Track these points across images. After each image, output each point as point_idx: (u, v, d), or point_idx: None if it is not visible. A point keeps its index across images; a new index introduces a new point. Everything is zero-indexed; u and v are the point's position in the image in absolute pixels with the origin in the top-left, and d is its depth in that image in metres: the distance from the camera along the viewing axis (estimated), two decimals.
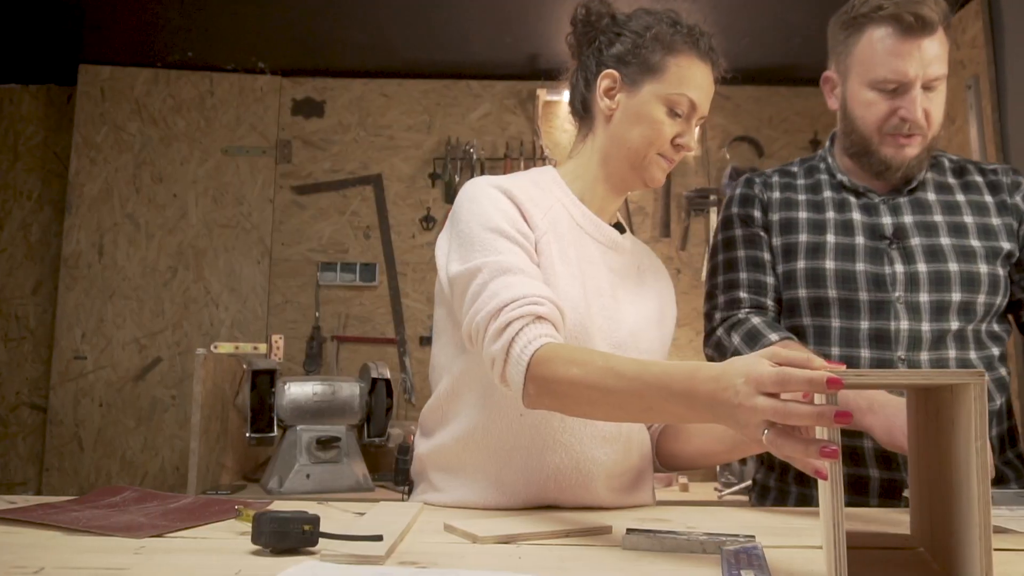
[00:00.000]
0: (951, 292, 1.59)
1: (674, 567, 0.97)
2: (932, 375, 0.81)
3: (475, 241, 1.36)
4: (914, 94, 1.54)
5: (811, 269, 1.66)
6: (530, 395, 1.22)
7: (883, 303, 1.61)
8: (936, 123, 1.59)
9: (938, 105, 1.58)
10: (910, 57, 1.52)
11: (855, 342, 1.63)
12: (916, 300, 1.60)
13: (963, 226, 1.64)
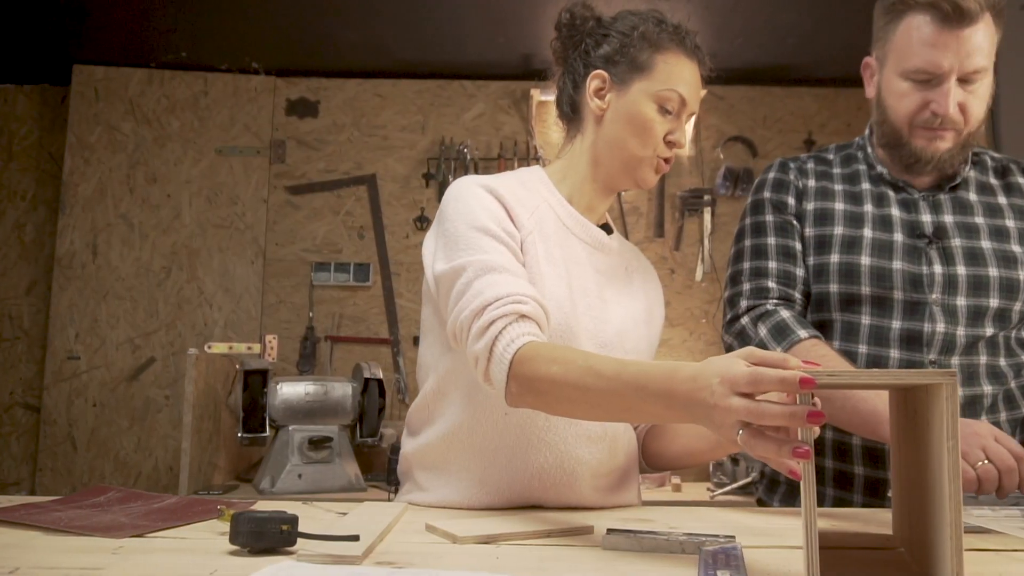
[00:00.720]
0: (989, 297, 1.55)
1: (652, 567, 0.97)
2: (903, 375, 0.81)
3: (460, 240, 1.36)
4: (947, 87, 1.47)
5: (845, 264, 1.60)
6: (512, 393, 1.22)
7: (918, 304, 1.56)
8: (975, 118, 1.52)
9: (978, 99, 1.50)
10: (946, 48, 1.45)
11: (885, 342, 1.58)
12: (953, 303, 1.55)
13: (1005, 230, 1.59)
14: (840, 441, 1.61)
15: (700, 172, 4.07)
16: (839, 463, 1.62)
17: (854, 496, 1.60)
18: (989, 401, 1.56)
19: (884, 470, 1.57)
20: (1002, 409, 1.57)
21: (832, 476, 1.63)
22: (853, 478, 1.60)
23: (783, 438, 0.85)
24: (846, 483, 1.61)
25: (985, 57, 1.47)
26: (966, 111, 1.50)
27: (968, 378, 1.56)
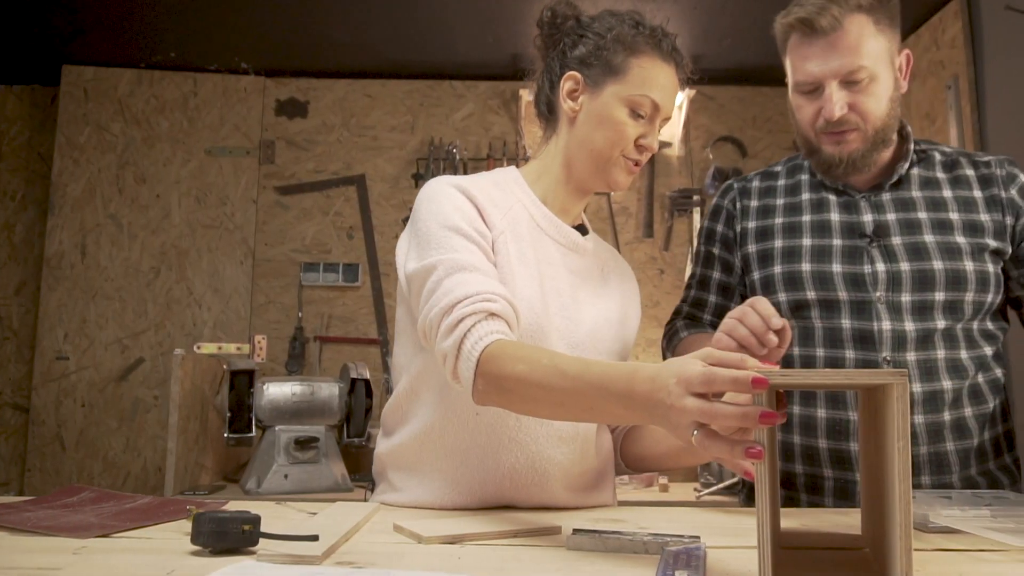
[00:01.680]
0: (935, 291, 1.56)
1: (613, 567, 0.97)
2: (855, 375, 0.81)
3: (432, 239, 1.36)
4: (828, 92, 1.53)
5: (787, 272, 1.65)
6: (479, 391, 1.22)
7: (864, 303, 1.59)
8: (874, 115, 1.54)
9: (871, 96, 1.53)
10: (816, 58, 1.53)
11: (839, 343, 1.61)
12: (898, 300, 1.57)
13: (948, 223, 1.60)
14: (808, 446, 1.62)
15: (689, 172, 4.07)
16: (809, 467, 1.62)
17: (825, 500, 1.60)
18: (951, 396, 1.56)
19: (852, 471, 1.57)
20: (967, 404, 1.57)
21: (803, 482, 1.64)
22: (823, 482, 1.61)
23: (737, 439, 0.85)
24: (816, 488, 1.62)
25: (863, 56, 1.50)
26: (859, 110, 1.54)
27: (926, 373, 1.56)
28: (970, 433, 1.57)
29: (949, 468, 1.56)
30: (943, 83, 3.28)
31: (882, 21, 1.53)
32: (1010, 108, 2.90)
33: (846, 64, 1.51)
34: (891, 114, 1.57)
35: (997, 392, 1.61)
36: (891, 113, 1.57)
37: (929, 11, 3.37)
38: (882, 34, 1.53)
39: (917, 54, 3.53)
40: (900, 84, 1.59)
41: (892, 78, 1.56)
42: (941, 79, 3.30)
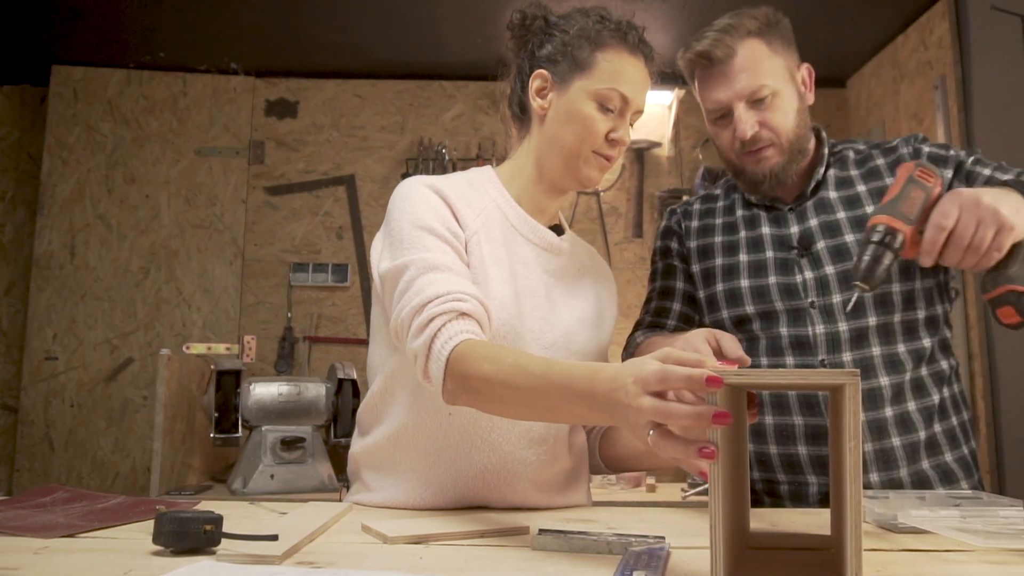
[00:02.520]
0: None
1: (574, 567, 0.97)
2: (808, 375, 0.82)
3: (405, 239, 1.36)
4: (737, 115, 1.59)
5: (728, 290, 1.70)
6: (448, 391, 1.22)
7: (799, 311, 1.63)
8: (785, 128, 1.60)
9: (778, 112, 1.59)
10: (718, 85, 1.60)
11: (779, 351, 1.64)
12: (829, 302, 1.61)
13: (865, 218, 1.62)
14: (788, 454, 1.63)
15: (679, 172, 4.07)
16: (791, 475, 1.64)
17: (810, 507, 1.61)
18: (890, 392, 1.57)
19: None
20: (910, 399, 1.58)
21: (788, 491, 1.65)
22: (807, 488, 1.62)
23: (691, 439, 0.85)
24: (801, 496, 1.63)
25: (762, 76, 1.57)
26: (769, 126, 1.59)
27: (863, 371, 1.58)
28: (915, 427, 1.58)
29: (896, 464, 1.57)
30: (931, 83, 3.29)
31: (774, 42, 1.61)
32: (997, 107, 2.90)
33: (747, 85, 1.57)
34: (801, 125, 1.63)
35: (943, 383, 1.62)
36: (800, 124, 1.62)
37: (917, 11, 3.37)
38: (777, 54, 1.61)
39: (905, 54, 3.53)
40: (805, 96, 1.66)
41: (795, 92, 1.62)
42: (929, 79, 3.30)
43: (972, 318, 3.02)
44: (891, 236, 1.23)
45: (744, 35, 1.59)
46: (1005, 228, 1.15)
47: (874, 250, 1.24)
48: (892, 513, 1.24)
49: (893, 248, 1.23)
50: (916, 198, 1.24)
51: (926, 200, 1.23)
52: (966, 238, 1.17)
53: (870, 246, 1.24)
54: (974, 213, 1.17)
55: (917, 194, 1.24)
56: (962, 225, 1.17)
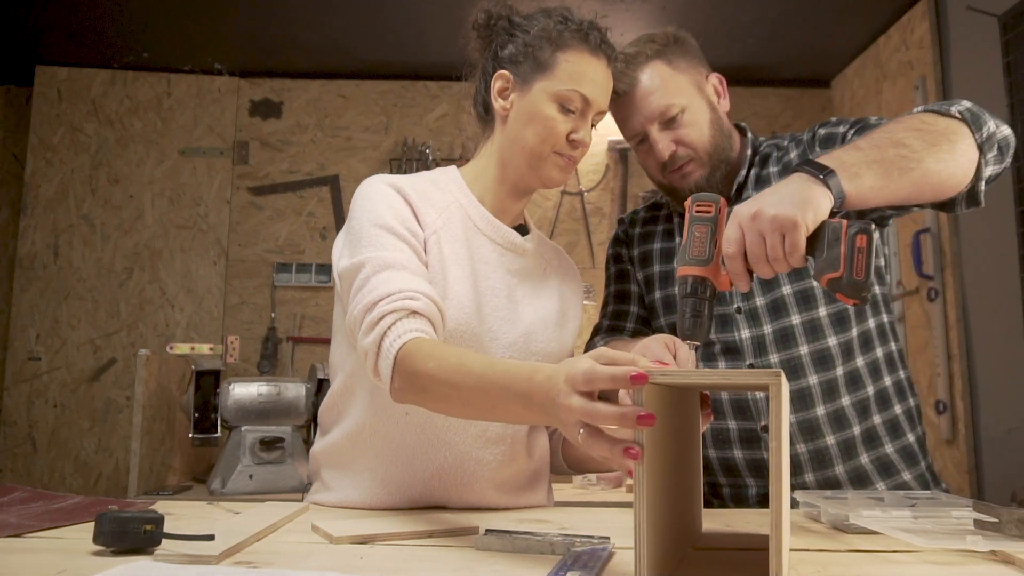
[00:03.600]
0: (782, 287, 1.59)
1: (511, 567, 0.97)
2: (732, 375, 0.82)
3: (363, 237, 1.36)
4: (653, 137, 1.61)
5: (664, 297, 1.72)
6: (396, 389, 1.22)
7: (727, 316, 1.63)
8: (700, 140, 1.60)
9: (691, 127, 1.60)
10: (628, 115, 1.63)
11: (712, 356, 1.65)
12: (753, 306, 1.61)
13: None
14: (725, 458, 1.63)
15: None
16: (730, 479, 1.64)
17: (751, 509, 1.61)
18: (821, 390, 1.57)
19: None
20: (844, 394, 1.57)
21: (729, 495, 1.65)
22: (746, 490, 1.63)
23: (618, 439, 0.85)
24: (741, 499, 1.64)
25: (669, 96, 1.59)
26: (685, 143, 1.60)
27: (791, 371, 1.58)
28: (850, 423, 1.57)
29: (831, 462, 1.57)
30: (912, 83, 3.29)
31: (676, 60, 1.63)
32: None
33: (656, 108, 1.59)
34: (716, 134, 1.63)
35: (882, 372, 1.61)
36: (716, 133, 1.63)
37: (898, 12, 3.37)
38: (681, 72, 1.62)
39: (887, 55, 3.53)
40: (718, 105, 1.67)
41: (705, 104, 1.64)
42: (910, 79, 3.30)
43: (951, 319, 3.02)
44: (698, 285, 1.17)
45: (644, 61, 1.61)
46: (788, 228, 1.08)
47: (690, 305, 1.17)
48: (845, 514, 1.24)
49: (706, 296, 1.17)
50: (701, 236, 1.17)
51: (713, 231, 1.17)
52: (759, 255, 1.12)
53: (684, 301, 1.18)
54: (753, 228, 1.11)
55: (701, 231, 1.17)
56: (749, 244, 1.12)
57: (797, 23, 3.56)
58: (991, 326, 2.85)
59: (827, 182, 1.14)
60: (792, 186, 1.14)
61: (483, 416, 1.21)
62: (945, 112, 1.33)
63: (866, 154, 1.21)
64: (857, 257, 1.09)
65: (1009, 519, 1.12)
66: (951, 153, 1.27)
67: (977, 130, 1.31)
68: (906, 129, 1.27)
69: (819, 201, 1.12)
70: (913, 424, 1.63)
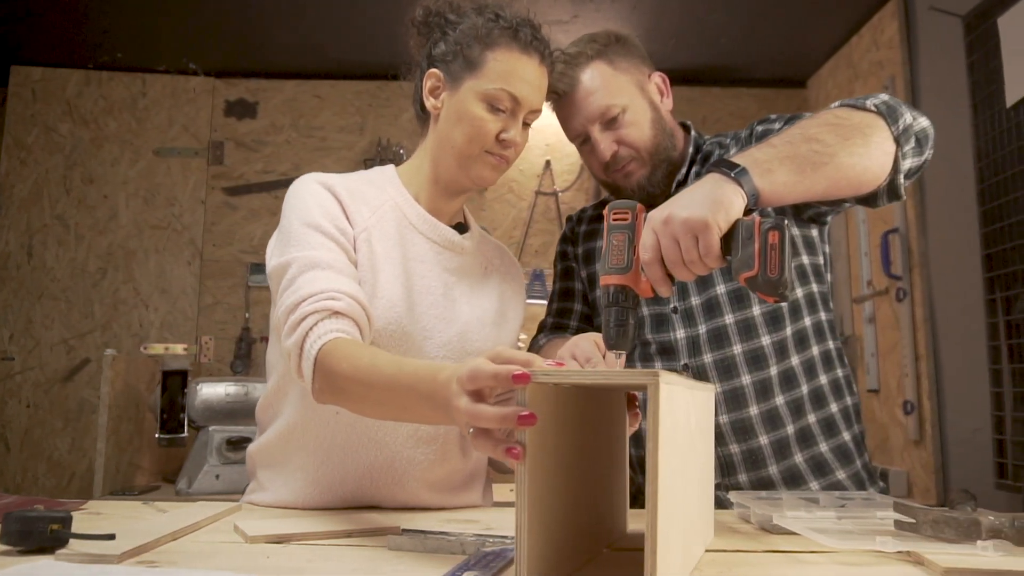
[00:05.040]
0: (716, 286, 1.59)
1: (413, 567, 0.97)
2: (612, 375, 0.82)
3: (292, 236, 1.37)
4: (595, 139, 1.60)
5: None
6: (316, 389, 1.23)
7: (663, 316, 1.64)
8: (641, 140, 1.60)
9: (632, 127, 1.59)
10: (570, 115, 1.63)
11: (649, 357, 1.65)
12: (689, 305, 1.62)
13: None
14: (640, 456, 1.62)
15: None
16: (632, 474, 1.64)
17: None
18: (754, 389, 1.56)
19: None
20: (778, 393, 1.57)
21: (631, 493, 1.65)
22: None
23: (503, 439, 0.85)
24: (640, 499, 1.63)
25: (610, 96, 1.59)
26: (626, 142, 1.60)
27: (724, 371, 1.58)
28: (783, 422, 1.57)
29: (764, 462, 1.56)
30: (881, 83, 3.29)
31: (617, 61, 1.62)
32: (943, 108, 2.91)
33: (596, 108, 1.59)
34: (659, 133, 1.63)
35: (818, 370, 1.60)
36: (658, 133, 1.63)
37: (870, 12, 3.37)
38: (622, 71, 1.61)
39: (859, 54, 3.54)
40: (660, 104, 1.66)
41: (647, 104, 1.63)
42: (880, 79, 3.31)
43: (918, 319, 3.02)
44: (619, 294, 1.17)
45: (585, 61, 1.60)
46: (700, 230, 1.08)
47: (614, 314, 1.17)
48: (769, 515, 1.24)
49: (628, 305, 1.17)
50: (619, 244, 1.15)
51: (631, 239, 1.16)
52: (675, 260, 1.11)
53: (607, 311, 1.18)
54: (667, 232, 1.10)
55: (619, 239, 1.17)
56: (664, 249, 1.11)
57: (770, 23, 3.56)
58: (957, 326, 2.86)
59: (739, 180, 1.14)
60: (704, 187, 1.14)
61: (396, 417, 1.21)
62: (860, 106, 1.33)
63: (779, 150, 1.20)
64: (771, 254, 1.08)
65: (925, 520, 1.12)
66: (865, 146, 1.26)
67: (893, 123, 1.30)
68: (820, 124, 1.26)
69: (731, 200, 1.11)
70: (850, 423, 1.62)
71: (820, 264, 1.65)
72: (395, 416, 1.19)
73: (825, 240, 1.68)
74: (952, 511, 1.12)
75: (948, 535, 1.09)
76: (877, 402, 3.39)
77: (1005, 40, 2.49)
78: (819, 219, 1.62)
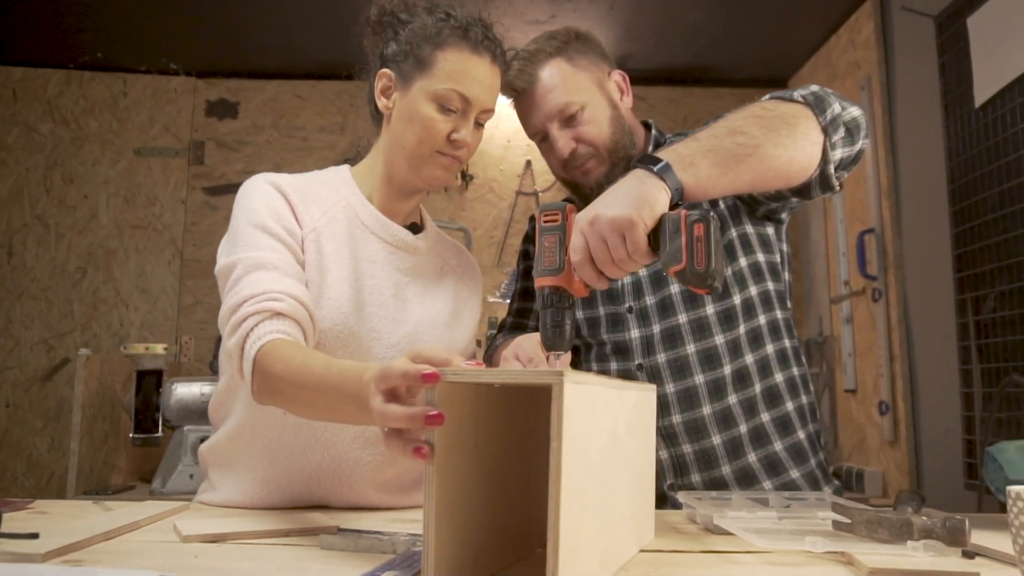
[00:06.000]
0: (670, 285, 1.60)
1: (337, 566, 0.97)
2: (518, 375, 0.82)
3: (239, 236, 1.37)
4: (553, 137, 1.60)
5: None
6: (255, 391, 1.23)
7: (618, 316, 1.64)
8: (599, 138, 1.60)
9: (590, 124, 1.59)
10: (529, 113, 1.63)
11: (604, 357, 1.66)
12: (644, 305, 1.62)
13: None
14: None
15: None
16: None
17: None
18: (707, 389, 1.56)
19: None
20: (731, 392, 1.57)
21: None
22: None
23: (411, 438, 0.85)
24: None
25: (568, 94, 1.59)
26: (585, 140, 1.60)
27: (678, 371, 1.58)
28: (736, 421, 1.56)
29: (717, 462, 1.56)
30: (858, 83, 3.29)
31: (576, 58, 1.62)
32: (918, 108, 2.91)
33: (554, 105, 1.58)
34: (617, 131, 1.62)
35: (771, 370, 1.60)
36: (617, 130, 1.62)
37: (847, 11, 3.37)
38: (581, 69, 1.62)
39: (837, 54, 3.54)
40: (619, 102, 1.66)
41: (606, 101, 1.63)
42: (858, 79, 3.31)
43: (893, 320, 3.02)
44: (554, 295, 1.17)
45: (544, 59, 1.60)
46: (626, 227, 1.08)
47: (550, 315, 1.17)
48: (710, 514, 1.24)
49: (564, 306, 1.17)
50: (551, 245, 1.16)
51: (562, 240, 1.16)
52: (604, 259, 1.12)
53: (544, 312, 1.18)
54: (593, 232, 1.10)
55: (550, 241, 1.16)
56: (593, 249, 1.11)
57: (748, 23, 3.56)
58: (931, 327, 2.86)
59: (662, 175, 1.14)
60: (627, 184, 1.14)
61: (328, 417, 1.21)
62: (788, 98, 1.33)
63: (703, 144, 1.21)
64: (697, 246, 1.09)
65: (860, 520, 1.12)
66: (790, 137, 1.25)
67: (820, 113, 1.30)
68: (746, 117, 1.26)
69: (655, 196, 1.12)
70: (805, 421, 1.62)
71: (776, 262, 1.65)
72: (326, 417, 1.19)
73: (782, 238, 1.67)
74: (885, 512, 1.12)
75: (881, 535, 1.10)
76: (854, 402, 3.39)
77: (974, 40, 2.50)
78: (773, 216, 1.62)
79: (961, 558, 1.06)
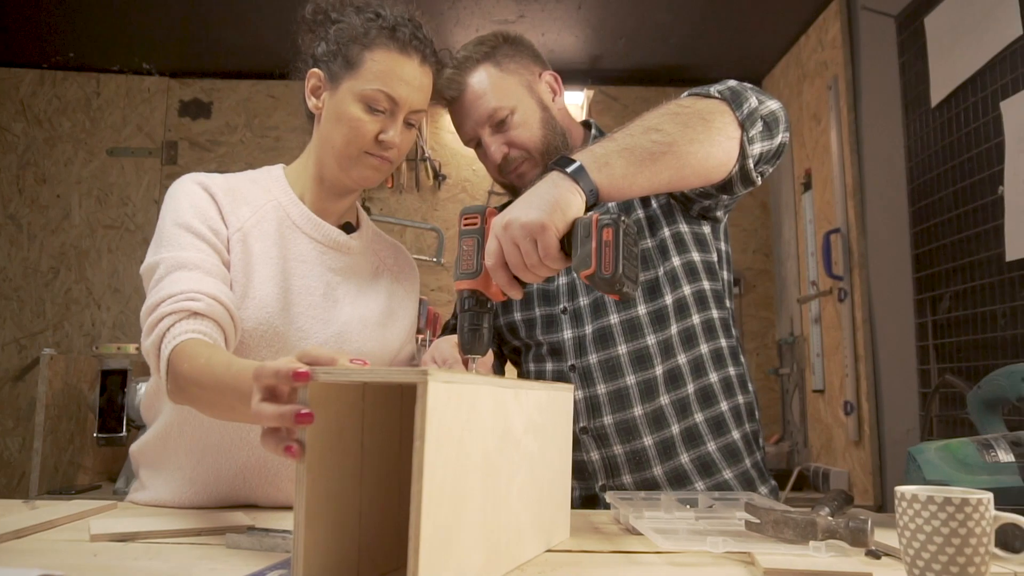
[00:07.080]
0: None
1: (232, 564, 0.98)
2: (388, 373, 0.82)
3: (164, 236, 1.37)
4: (485, 143, 1.61)
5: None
6: (169, 391, 1.23)
7: (553, 317, 1.65)
8: (531, 141, 1.60)
9: (520, 127, 1.60)
10: (461, 121, 1.63)
11: (541, 359, 1.66)
12: (578, 306, 1.62)
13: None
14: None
15: None
16: None
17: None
18: (639, 390, 1.55)
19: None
20: (663, 393, 1.56)
21: None
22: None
23: (284, 437, 0.85)
24: None
25: (497, 98, 1.59)
26: (516, 144, 1.60)
27: (609, 372, 1.57)
28: (668, 422, 1.55)
29: (649, 463, 1.56)
30: (825, 83, 3.29)
31: (504, 62, 1.62)
32: (881, 108, 2.91)
33: (483, 112, 1.59)
34: (548, 133, 1.62)
35: (704, 369, 1.58)
36: (549, 132, 1.62)
37: (815, 11, 3.38)
38: (510, 73, 1.62)
39: (807, 54, 3.54)
40: (550, 103, 1.65)
41: (536, 103, 1.63)
42: (825, 79, 3.31)
43: (858, 320, 3.03)
44: (471, 298, 1.18)
45: (472, 65, 1.60)
46: (538, 232, 1.08)
47: (468, 319, 1.17)
48: (626, 514, 1.24)
49: (481, 310, 1.17)
50: (469, 249, 1.17)
51: (480, 243, 1.17)
52: (517, 264, 1.12)
53: (462, 316, 1.18)
54: (506, 237, 1.11)
55: (468, 244, 1.18)
56: (506, 253, 1.11)
57: (719, 23, 3.56)
58: (893, 326, 2.86)
59: (575, 177, 1.14)
60: (542, 188, 1.14)
61: (230, 418, 1.21)
62: (705, 93, 1.33)
63: (618, 143, 1.21)
64: (605, 251, 1.09)
65: (767, 520, 1.13)
66: (706, 132, 1.25)
67: (737, 108, 1.30)
68: (662, 114, 1.26)
69: (568, 200, 1.12)
70: (740, 421, 1.60)
71: (713, 261, 1.63)
72: (229, 416, 1.19)
73: (719, 237, 1.67)
74: (792, 512, 1.12)
75: (787, 535, 1.10)
76: (822, 402, 3.40)
77: (931, 40, 2.50)
78: (708, 214, 1.62)
79: (865, 557, 1.07)
